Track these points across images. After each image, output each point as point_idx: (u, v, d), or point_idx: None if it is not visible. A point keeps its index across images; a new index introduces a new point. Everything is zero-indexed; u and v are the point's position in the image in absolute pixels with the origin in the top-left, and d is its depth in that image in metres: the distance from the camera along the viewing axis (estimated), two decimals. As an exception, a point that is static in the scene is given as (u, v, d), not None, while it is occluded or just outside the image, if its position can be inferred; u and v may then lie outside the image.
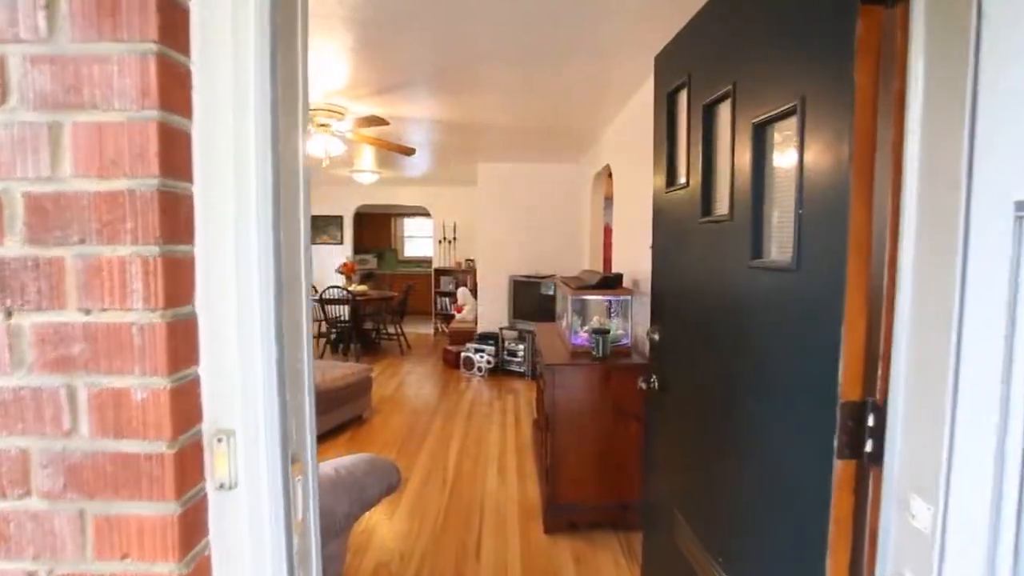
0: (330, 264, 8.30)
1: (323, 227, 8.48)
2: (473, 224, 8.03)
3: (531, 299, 5.71)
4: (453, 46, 2.47)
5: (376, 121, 3.20)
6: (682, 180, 1.56)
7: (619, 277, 2.98)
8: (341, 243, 8.48)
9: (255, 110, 0.64)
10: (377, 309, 7.24)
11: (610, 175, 4.94)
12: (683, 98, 1.58)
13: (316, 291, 6.80)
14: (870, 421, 0.87)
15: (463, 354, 5.91)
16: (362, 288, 7.00)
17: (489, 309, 6.27)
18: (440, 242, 8.51)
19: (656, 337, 1.75)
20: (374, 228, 11.05)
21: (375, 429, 4.09)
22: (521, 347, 5.75)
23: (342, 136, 3.62)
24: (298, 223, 0.77)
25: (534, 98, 3.32)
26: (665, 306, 1.71)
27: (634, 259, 3.25)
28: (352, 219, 8.59)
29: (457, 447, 3.74)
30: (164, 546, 0.62)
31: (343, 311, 6.77)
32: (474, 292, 7.07)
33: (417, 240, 11.26)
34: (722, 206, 1.33)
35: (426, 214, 9.01)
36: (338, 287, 6.43)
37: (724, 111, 1.32)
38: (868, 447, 0.87)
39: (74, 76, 0.59)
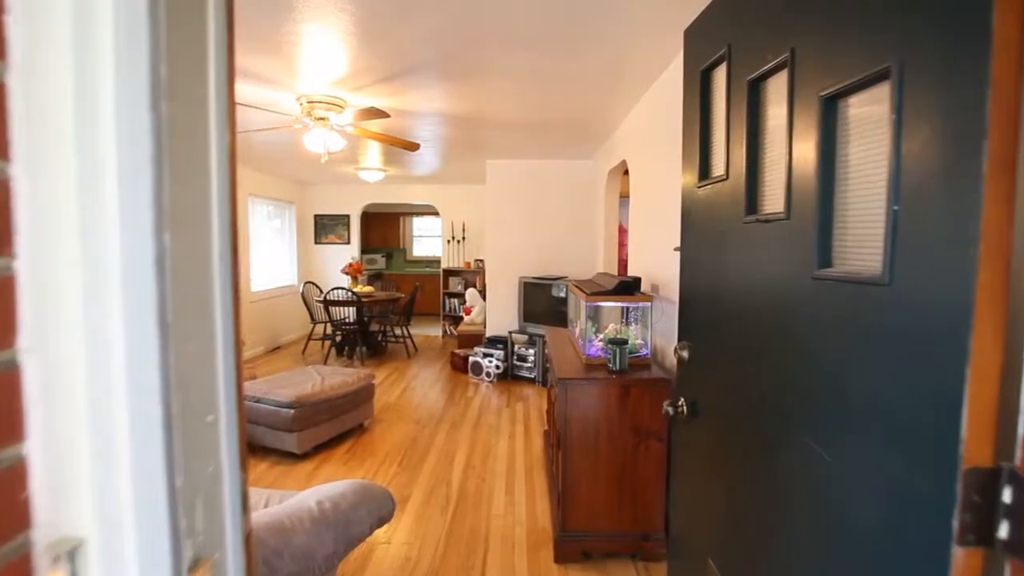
0: (337, 264, 8.13)
1: (330, 226, 8.31)
2: (482, 223, 7.82)
3: (542, 301, 5.48)
4: (459, 28, 2.25)
5: (376, 113, 2.99)
6: (719, 172, 1.32)
7: (637, 282, 2.74)
8: (348, 243, 8.30)
9: (118, 40, 0.42)
10: (383, 311, 7.05)
11: (626, 172, 4.70)
12: (720, 75, 1.34)
13: (321, 292, 6.63)
14: (1006, 496, 0.63)
15: (471, 359, 5.70)
16: (368, 289, 6.82)
17: (498, 311, 6.04)
18: (449, 242, 8.30)
19: (685, 355, 1.51)
20: (383, 227, 10.90)
21: (376, 440, 3.89)
22: (531, 352, 5.52)
23: (341, 130, 3.41)
24: (206, 220, 0.54)
25: (545, 88, 3.09)
26: (697, 320, 1.47)
27: (652, 262, 3.01)
28: (359, 218, 8.41)
29: (462, 461, 3.52)
30: None
31: (349, 313, 6.60)
32: (483, 293, 6.85)
33: (426, 240, 11.08)
34: (774, 201, 1.09)
35: (435, 213, 8.81)
36: (343, 288, 6.25)
37: (777, 85, 1.08)
38: (1003, 532, 0.63)
39: None
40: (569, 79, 2.90)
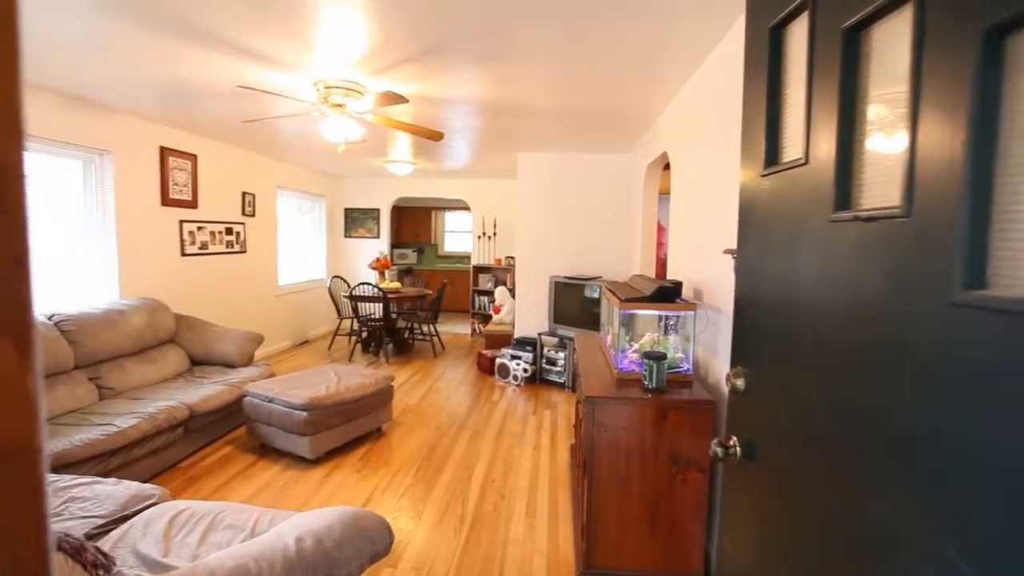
0: (367, 259, 8.04)
1: (360, 220, 8.21)
2: (514, 219, 7.56)
3: (574, 302, 5.19)
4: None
5: (394, 98, 2.76)
6: (794, 155, 1.01)
7: (678, 287, 2.42)
8: (378, 237, 8.19)
9: None
10: (410, 307, 6.89)
11: (666, 166, 4.35)
12: (798, 31, 1.04)
13: (348, 287, 6.51)
14: None
15: (498, 360, 5.46)
16: (395, 285, 6.66)
17: (528, 311, 5.78)
18: (479, 238, 8.08)
19: (741, 384, 1.21)
20: (414, 222, 10.78)
21: (393, 446, 3.69)
22: (561, 355, 5.23)
23: (360, 118, 3.21)
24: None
25: (581, 71, 2.80)
26: (758, 342, 1.17)
27: (696, 265, 2.68)
28: (390, 212, 8.28)
29: (482, 475, 3.28)
30: None
31: (376, 309, 6.46)
32: (513, 292, 6.60)
33: (458, 235, 10.90)
34: (881, 192, 0.78)
35: (467, 208, 8.60)
36: (369, 284, 6.10)
37: (893, 29, 0.78)
38: None
39: None
40: (607, 59, 2.60)
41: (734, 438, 1.23)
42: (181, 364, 3.95)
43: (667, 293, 2.30)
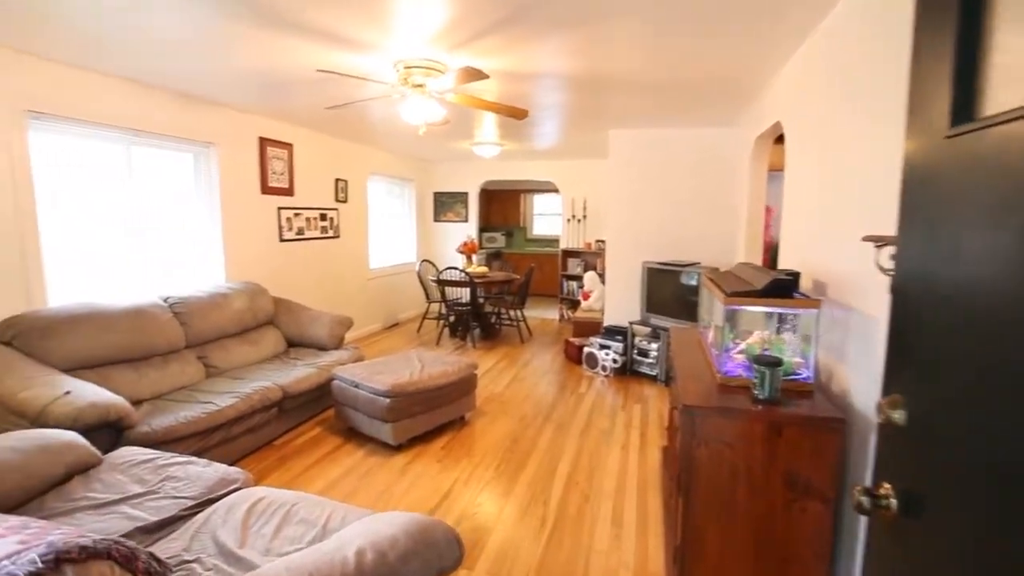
0: (455, 243, 8.08)
1: (448, 204, 8.25)
2: (604, 201, 7.21)
3: (668, 290, 4.81)
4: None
5: (474, 74, 2.59)
6: (1008, 101, 0.70)
7: (796, 278, 2.05)
8: (466, 220, 8.19)
9: None
10: (498, 292, 6.82)
11: (778, 138, 3.84)
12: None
13: (437, 271, 6.55)
14: None
15: (586, 349, 5.22)
16: (482, 269, 6.61)
17: (619, 299, 5.47)
18: (568, 221, 7.81)
19: (899, 417, 0.91)
20: (503, 205, 10.71)
21: (475, 436, 3.61)
22: (654, 346, 4.89)
23: (441, 98, 3.08)
24: None
25: (681, 33, 2.46)
26: (935, 363, 0.86)
27: (816, 252, 2.28)
28: (478, 196, 8.24)
29: (566, 472, 3.10)
30: None
31: (463, 293, 6.46)
32: (603, 277, 6.30)
33: (547, 218, 10.68)
34: None
35: (555, 190, 8.36)
36: (456, 268, 6.09)
37: None
38: None
39: None
40: (712, 16, 2.25)
41: (887, 485, 0.94)
42: (278, 346, 4.13)
43: (783, 286, 1.95)
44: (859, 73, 1.87)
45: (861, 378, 1.72)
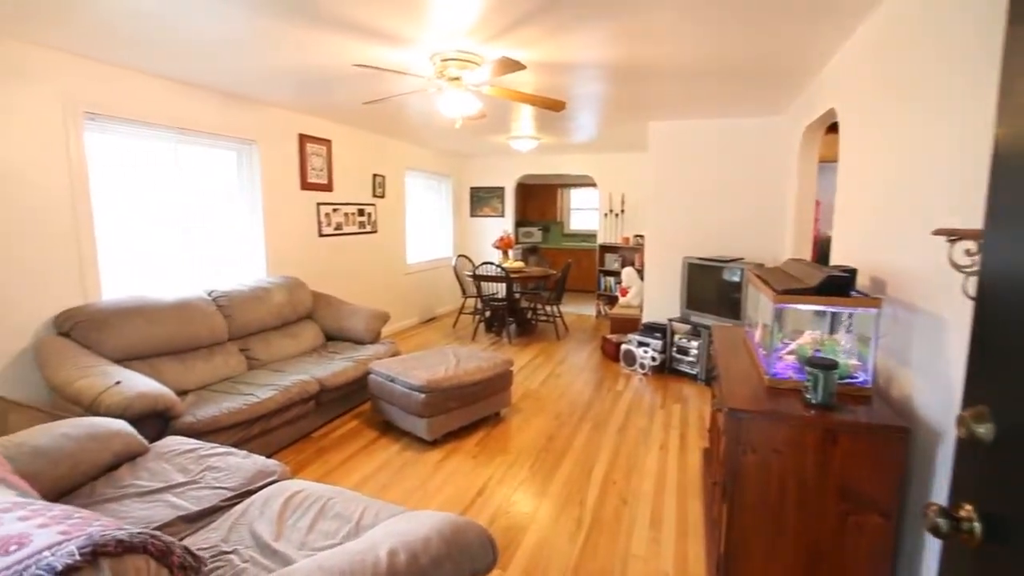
0: (491, 237, 8.06)
1: (485, 199, 8.23)
2: (643, 195, 7.04)
3: (710, 287, 4.65)
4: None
5: (511, 65, 2.54)
6: None
7: (853, 275, 1.92)
8: (502, 215, 8.16)
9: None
10: (535, 287, 6.76)
11: (830, 128, 3.63)
12: None
13: (473, 265, 6.54)
14: None
15: (624, 346, 5.11)
16: (518, 265, 6.56)
17: (658, 295, 5.33)
18: (606, 215, 7.68)
19: (986, 432, 0.81)
20: (540, 200, 10.62)
21: (510, 433, 3.57)
22: (694, 344, 4.74)
23: (477, 91, 3.04)
24: None
25: (726, 18, 2.33)
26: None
27: (875, 247, 2.13)
28: (514, 190, 8.19)
29: (602, 473, 3.03)
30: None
31: (499, 288, 6.43)
32: (641, 273, 6.16)
33: (584, 212, 10.55)
34: None
35: (593, 184, 8.23)
36: (492, 263, 6.06)
37: None
38: None
39: None
40: (758, 1, 2.12)
41: (968, 507, 0.84)
42: (317, 339, 4.20)
43: (839, 284, 1.83)
44: (930, 52, 1.72)
45: (927, 385, 1.59)
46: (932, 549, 1.49)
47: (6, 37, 2.68)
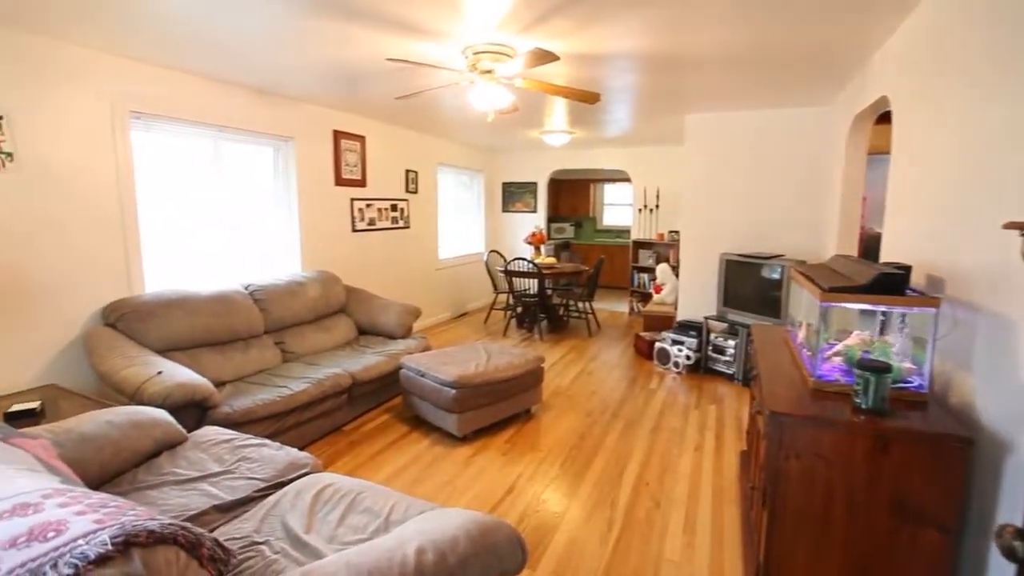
0: (523, 233, 8.03)
1: (517, 194, 8.19)
2: (678, 190, 6.88)
3: (748, 284, 4.50)
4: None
5: (544, 56, 2.49)
6: None
7: (907, 272, 1.80)
8: (534, 211, 8.11)
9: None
10: (567, 283, 6.70)
11: (882, 118, 3.45)
12: None
13: (504, 261, 6.52)
14: None
15: (658, 344, 5.01)
16: (550, 260, 6.50)
17: (693, 292, 5.20)
18: (640, 211, 7.53)
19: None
20: (572, 195, 10.52)
21: (541, 431, 3.54)
22: (731, 343, 4.60)
23: (509, 84, 3.00)
24: None
25: (766, 5, 2.22)
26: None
27: (933, 242, 1.99)
28: (546, 186, 8.12)
29: (634, 474, 2.96)
30: None
31: (531, 284, 6.39)
32: (676, 270, 6.02)
33: (618, 208, 10.39)
34: None
35: (627, 179, 8.09)
36: (524, 259, 6.02)
37: None
38: None
39: None
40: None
41: (1045, 530, 0.76)
42: (349, 333, 4.25)
43: (892, 282, 1.71)
44: (999, 32, 1.59)
45: (992, 391, 1.47)
46: (999, 569, 1.38)
47: (61, 40, 2.79)
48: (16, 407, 2.37)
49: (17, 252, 2.72)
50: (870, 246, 3.83)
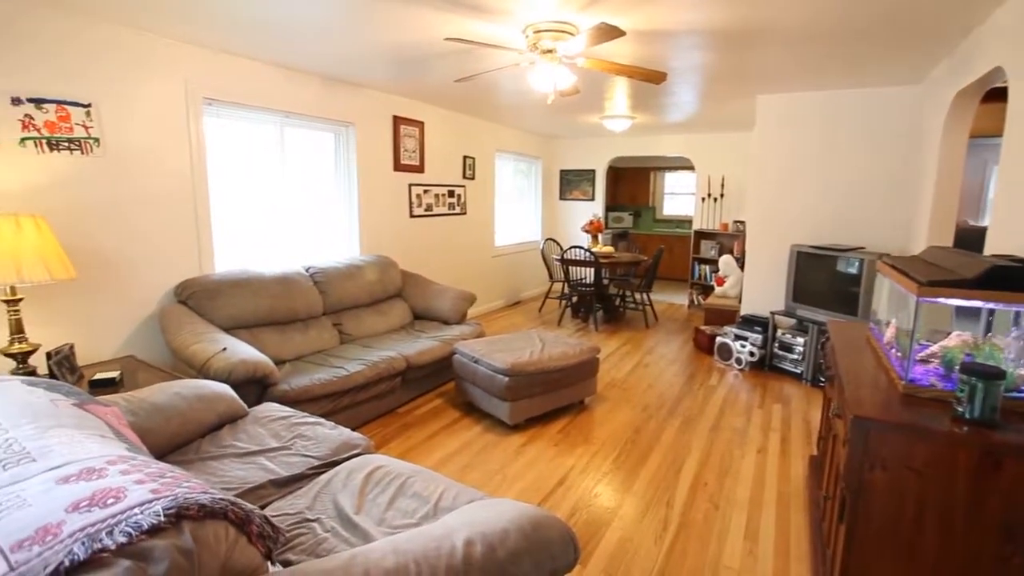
0: (580, 221, 7.88)
1: (575, 182, 8.03)
2: (744, 178, 6.53)
3: (821, 278, 4.19)
4: None
5: (609, 32, 2.36)
6: None
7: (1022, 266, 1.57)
8: (592, 199, 7.93)
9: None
10: (624, 273, 6.52)
11: (991, 95, 3.09)
12: None
13: (561, 249, 6.41)
14: None
15: (719, 339, 4.77)
16: (607, 249, 6.34)
17: (759, 286, 4.91)
18: (703, 200, 7.20)
19: None
20: (631, 183, 10.23)
21: (594, 423, 3.44)
22: (800, 341, 4.32)
23: (571, 63, 2.89)
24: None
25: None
26: None
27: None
28: (605, 173, 7.91)
29: (692, 473, 2.83)
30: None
31: (587, 273, 6.26)
32: (741, 262, 5.72)
33: (678, 197, 10.01)
34: None
35: (689, 167, 7.76)
36: (581, 248, 5.89)
37: None
38: None
39: None
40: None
41: None
42: (405, 317, 4.29)
43: (1010, 276, 1.50)
44: None
45: None
46: None
47: (140, 30, 2.91)
48: (99, 375, 2.52)
49: (104, 232, 2.89)
50: (964, 241, 3.46)
